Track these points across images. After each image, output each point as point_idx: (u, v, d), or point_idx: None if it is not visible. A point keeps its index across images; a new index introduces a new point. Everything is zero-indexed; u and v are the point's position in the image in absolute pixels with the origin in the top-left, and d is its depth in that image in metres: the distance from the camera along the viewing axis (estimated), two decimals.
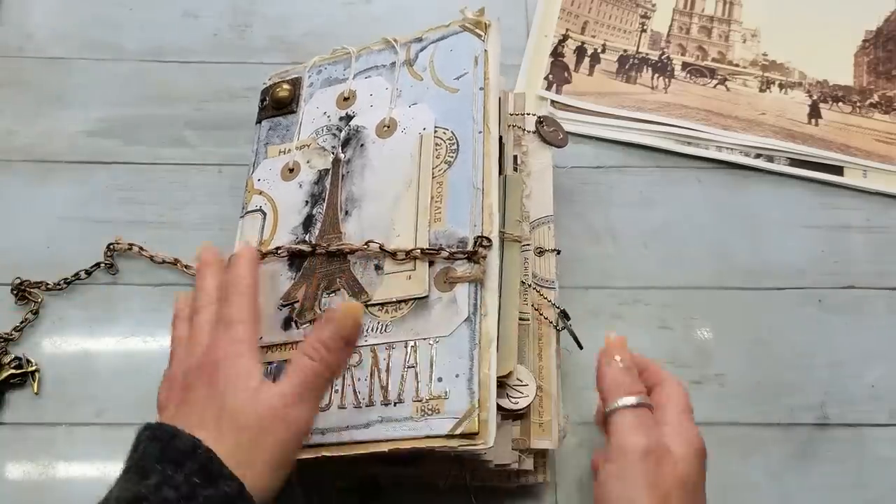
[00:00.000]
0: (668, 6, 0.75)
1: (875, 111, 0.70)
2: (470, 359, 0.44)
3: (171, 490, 0.34)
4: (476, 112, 0.51)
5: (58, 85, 0.68)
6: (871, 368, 0.60)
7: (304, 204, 0.53)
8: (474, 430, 0.42)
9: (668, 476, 0.40)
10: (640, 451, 0.40)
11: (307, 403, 0.38)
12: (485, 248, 0.46)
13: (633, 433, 0.41)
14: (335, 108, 0.56)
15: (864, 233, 0.64)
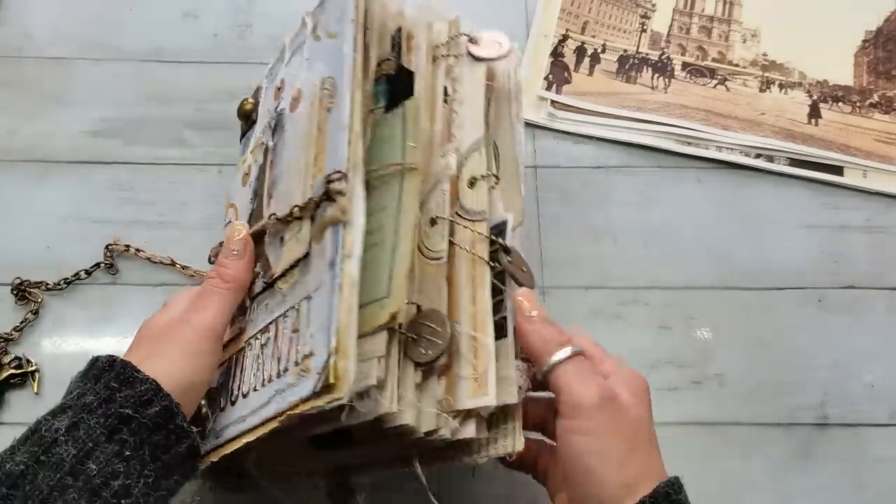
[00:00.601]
0: (668, 6, 0.75)
1: (875, 111, 0.70)
2: (330, 307, 0.38)
3: (91, 395, 0.38)
4: (346, 45, 0.45)
5: (58, 85, 0.68)
6: (870, 368, 0.60)
7: (249, 202, 0.52)
8: (331, 382, 0.36)
9: (627, 419, 0.40)
10: (595, 401, 0.39)
11: (208, 309, 0.44)
12: (337, 183, 0.40)
13: (582, 384, 0.40)
14: (273, 102, 0.54)
15: (864, 233, 0.64)
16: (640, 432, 0.40)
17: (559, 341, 0.41)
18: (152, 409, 0.38)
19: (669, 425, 0.58)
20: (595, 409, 0.39)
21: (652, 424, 0.42)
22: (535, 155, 0.67)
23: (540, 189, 0.65)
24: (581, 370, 0.41)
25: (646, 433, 0.41)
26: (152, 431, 0.38)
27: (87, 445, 0.36)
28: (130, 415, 0.38)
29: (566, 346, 0.41)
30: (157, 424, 0.38)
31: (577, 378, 0.40)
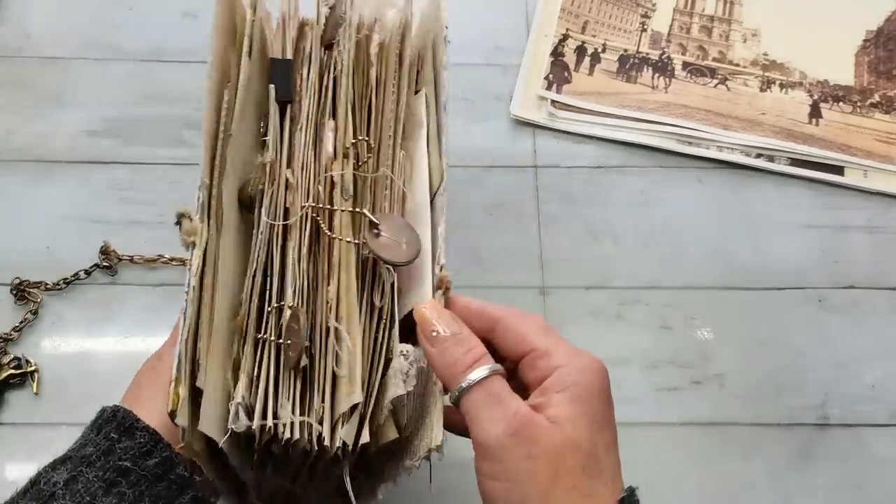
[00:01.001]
0: (669, 6, 0.75)
1: (876, 111, 0.70)
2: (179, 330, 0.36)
3: (92, 447, 0.37)
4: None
5: (57, 85, 0.67)
6: (871, 369, 0.60)
7: None
8: (174, 409, 0.34)
9: (544, 450, 0.32)
10: (503, 439, 0.32)
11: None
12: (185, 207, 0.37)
13: (488, 418, 0.33)
14: None
15: (865, 233, 0.64)
16: (562, 461, 0.32)
17: (465, 364, 0.34)
18: (152, 461, 0.37)
19: (670, 425, 0.58)
20: (503, 448, 0.32)
21: (601, 432, 0.35)
22: (535, 155, 0.66)
23: (540, 189, 0.65)
24: (489, 398, 0.33)
25: (580, 452, 0.33)
26: (152, 483, 0.37)
27: (85, 499, 0.36)
28: (129, 467, 0.37)
29: (474, 369, 0.34)
30: (157, 476, 0.37)
31: (484, 410, 0.33)
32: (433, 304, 0.37)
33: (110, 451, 0.37)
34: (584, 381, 0.34)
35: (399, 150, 0.43)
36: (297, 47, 0.44)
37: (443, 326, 0.36)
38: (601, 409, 0.35)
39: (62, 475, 0.36)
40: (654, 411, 0.58)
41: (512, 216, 0.64)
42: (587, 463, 0.33)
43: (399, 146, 0.43)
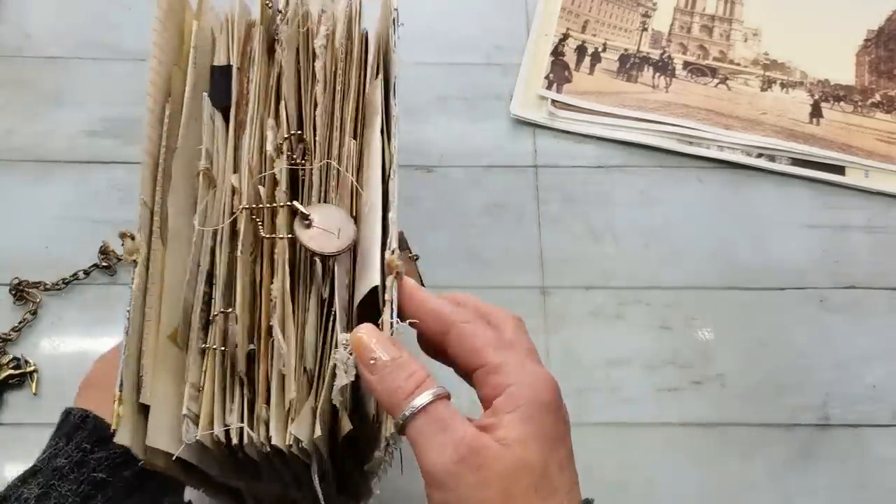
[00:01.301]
0: (670, 5, 0.75)
1: (877, 111, 0.70)
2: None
3: (63, 458, 0.36)
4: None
5: (57, 85, 0.67)
6: (872, 369, 0.59)
7: None
8: (114, 429, 0.33)
9: (496, 476, 0.31)
10: (450, 467, 0.31)
11: None
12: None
13: (434, 447, 0.31)
14: None
15: (866, 233, 0.64)
16: (514, 483, 0.31)
17: (406, 390, 0.33)
18: (128, 471, 0.35)
19: (670, 426, 0.57)
20: (452, 476, 0.31)
21: (554, 450, 0.33)
22: (535, 154, 0.66)
23: (540, 189, 0.65)
24: (435, 425, 0.32)
25: (526, 480, 0.31)
26: (130, 494, 0.35)
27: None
28: (105, 479, 0.35)
29: (416, 395, 0.32)
30: (135, 486, 0.35)
31: (430, 437, 0.32)
32: (369, 329, 0.34)
33: (83, 462, 0.35)
34: (535, 400, 0.33)
35: (349, 140, 0.42)
36: (245, 50, 0.44)
37: (381, 352, 0.33)
38: (553, 426, 0.33)
39: (33, 490, 0.35)
40: (655, 411, 0.58)
41: (512, 216, 0.64)
42: (540, 483, 0.32)
43: (348, 136, 0.42)
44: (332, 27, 0.44)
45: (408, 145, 0.66)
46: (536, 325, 0.60)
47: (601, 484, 0.56)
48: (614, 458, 0.56)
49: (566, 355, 0.59)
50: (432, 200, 0.64)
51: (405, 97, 0.69)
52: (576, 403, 0.57)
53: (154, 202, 0.38)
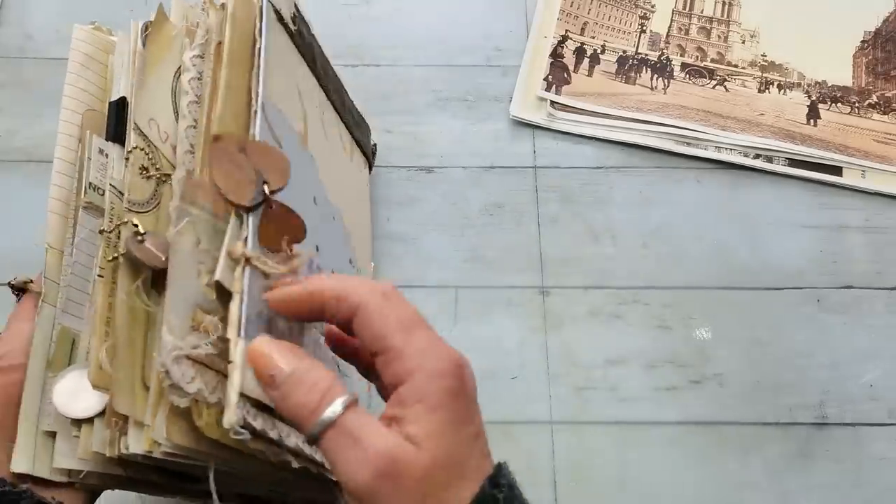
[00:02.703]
0: (668, 7, 0.75)
1: (873, 112, 0.70)
2: None
3: None
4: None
5: (58, 86, 0.67)
6: (869, 368, 0.60)
7: None
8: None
9: (417, 479, 0.30)
10: (369, 483, 0.30)
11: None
12: None
13: (349, 462, 0.30)
14: None
15: (863, 233, 0.65)
16: (432, 482, 0.30)
17: (311, 406, 0.31)
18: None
19: (669, 425, 0.58)
20: (372, 492, 0.30)
21: (464, 429, 0.32)
22: (534, 155, 0.67)
23: (539, 189, 0.65)
24: (346, 440, 0.30)
25: (443, 475, 0.31)
26: None
27: None
28: None
29: (323, 409, 0.31)
30: None
31: (343, 453, 0.30)
32: (264, 341, 0.32)
33: None
34: (441, 386, 0.31)
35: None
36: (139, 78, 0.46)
37: (280, 363, 0.32)
38: (462, 408, 0.32)
39: None
40: (653, 411, 0.58)
41: (512, 216, 0.64)
42: (453, 474, 0.31)
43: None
44: (207, 36, 0.45)
45: (408, 145, 0.67)
46: (536, 325, 0.60)
47: (600, 483, 0.56)
48: (613, 456, 0.56)
49: (565, 355, 0.59)
50: (432, 200, 0.64)
51: (405, 98, 0.69)
52: (575, 403, 0.58)
53: (63, 244, 0.42)
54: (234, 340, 0.34)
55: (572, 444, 0.57)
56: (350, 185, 0.57)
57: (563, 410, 0.58)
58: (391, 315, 0.32)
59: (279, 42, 0.47)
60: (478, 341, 0.59)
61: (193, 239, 0.38)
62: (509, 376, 0.59)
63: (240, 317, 0.35)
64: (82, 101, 0.45)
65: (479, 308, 0.61)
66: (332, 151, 0.53)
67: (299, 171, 0.46)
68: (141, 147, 0.42)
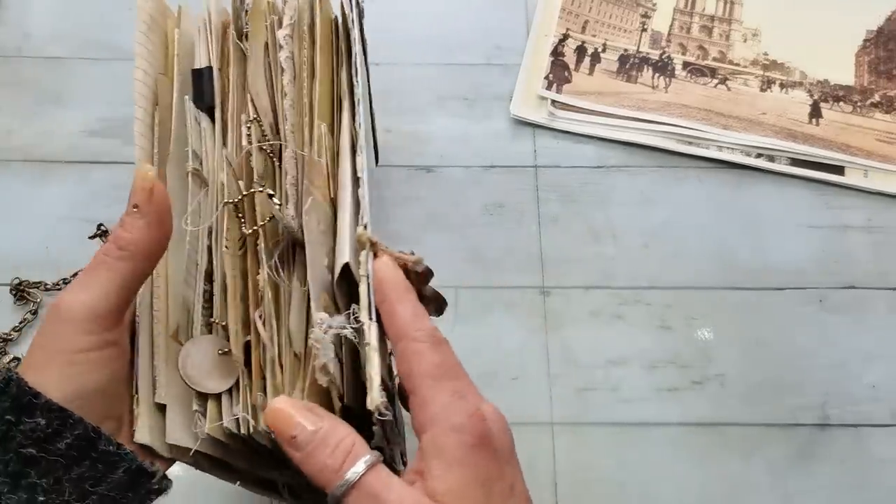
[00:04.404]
0: (669, 5, 0.75)
1: (876, 111, 0.70)
2: None
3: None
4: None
5: (57, 85, 0.67)
6: (871, 368, 0.60)
7: None
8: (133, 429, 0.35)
9: None
10: None
11: (85, 291, 0.33)
12: None
13: None
14: None
15: (865, 233, 0.64)
16: None
17: (334, 467, 0.31)
18: (62, 443, 0.31)
19: (670, 426, 0.57)
20: None
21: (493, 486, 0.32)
22: (535, 154, 0.66)
23: (540, 189, 0.65)
24: (368, 499, 0.30)
25: None
26: (69, 467, 0.31)
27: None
28: (35, 455, 0.31)
29: (346, 471, 0.31)
30: (74, 458, 0.31)
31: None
32: (284, 402, 0.32)
33: (8, 437, 0.31)
34: (458, 441, 0.31)
35: (319, 126, 0.42)
36: (223, 50, 0.44)
37: (301, 424, 0.31)
38: (486, 463, 0.31)
39: None
40: (654, 411, 0.58)
41: (512, 216, 0.64)
42: None
43: (316, 121, 0.42)
44: (295, 16, 0.44)
45: (408, 145, 0.66)
46: (536, 325, 0.60)
47: (600, 483, 0.56)
48: (614, 457, 0.56)
49: (566, 355, 0.59)
50: (432, 200, 0.64)
51: (405, 97, 0.69)
52: (576, 403, 0.58)
53: None
54: (367, 324, 0.34)
55: (573, 444, 0.56)
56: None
57: (564, 411, 0.57)
58: (429, 359, 0.32)
59: (353, 34, 0.46)
60: (478, 341, 0.59)
61: (316, 219, 0.37)
62: (510, 377, 0.58)
63: (369, 300, 0.35)
64: (152, 63, 0.42)
65: (479, 308, 0.61)
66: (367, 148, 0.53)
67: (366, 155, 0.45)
68: (259, 120, 0.40)
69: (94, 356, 0.33)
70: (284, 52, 0.42)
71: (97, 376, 0.33)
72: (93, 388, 0.33)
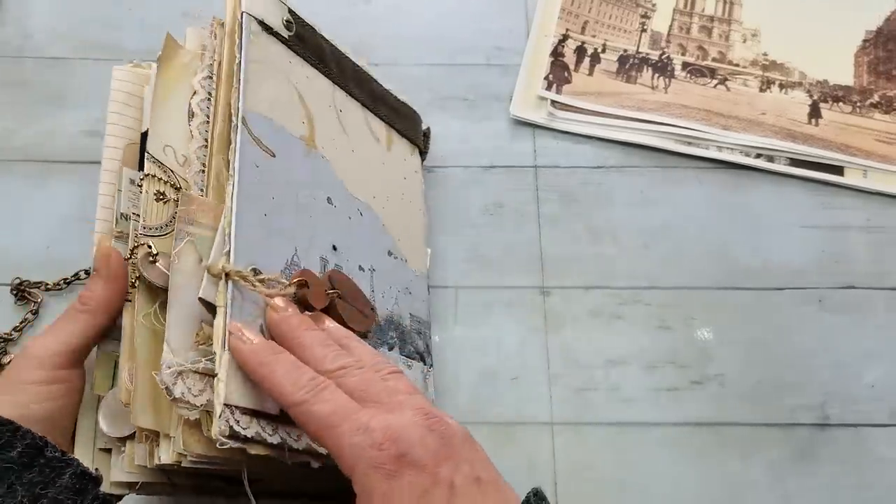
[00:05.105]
0: (669, 6, 0.75)
1: (875, 111, 0.70)
2: None
3: None
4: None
5: (57, 85, 0.67)
6: (871, 368, 0.60)
7: None
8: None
9: None
10: None
11: (48, 335, 0.41)
12: None
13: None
14: None
15: (865, 233, 0.64)
16: None
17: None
18: (14, 452, 0.36)
19: (669, 426, 0.58)
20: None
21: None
22: (534, 155, 0.66)
23: (540, 189, 0.65)
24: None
25: None
26: (20, 473, 0.36)
27: None
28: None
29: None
30: (25, 464, 0.36)
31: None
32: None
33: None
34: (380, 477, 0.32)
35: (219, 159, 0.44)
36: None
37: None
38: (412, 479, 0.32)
39: None
40: (654, 412, 0.58)
41: (512, 216, 0.64)
42: None
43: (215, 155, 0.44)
44: (211, 59, 0.47)
45: None
46: (536, 326, 0.60)
47: (600, 483, 0.56)
48: (613, 457, 0.56)
49: (566, 355, 0.59)
50: (432, 200, 0.64)
51: (405, 97, 0.69)
52: (575, 403, 0.58)
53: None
54: (218, 354, 0.36)
55: (573, 444, 0.56)
56: (389, 175, 0.57)
57: (564, 411, 0.57)
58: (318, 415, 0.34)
59: (270, 51, 0.48)
60: (478, 341, 0.59)
61: (195, 257, 0.39)
62: (509, 377, 0.58)
63: (224, 330, 0.37)
64: (122, 136, 0.48)
65: (479, 308, 0.61)
66: (356, 146, 0.53)
67: (304, 173, 0.47)
68: (154, 174, 0.43)
69: (43, 389, 0.39)
70: (200, 95, 0.45)
71: (45, 405, 0.39)
72: (39, 416, 0.38)
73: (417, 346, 0.54)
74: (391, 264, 0.54)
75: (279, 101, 0.47)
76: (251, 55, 0.45)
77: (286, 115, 0.47)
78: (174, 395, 0.36)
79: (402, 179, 0.59)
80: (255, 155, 0.43)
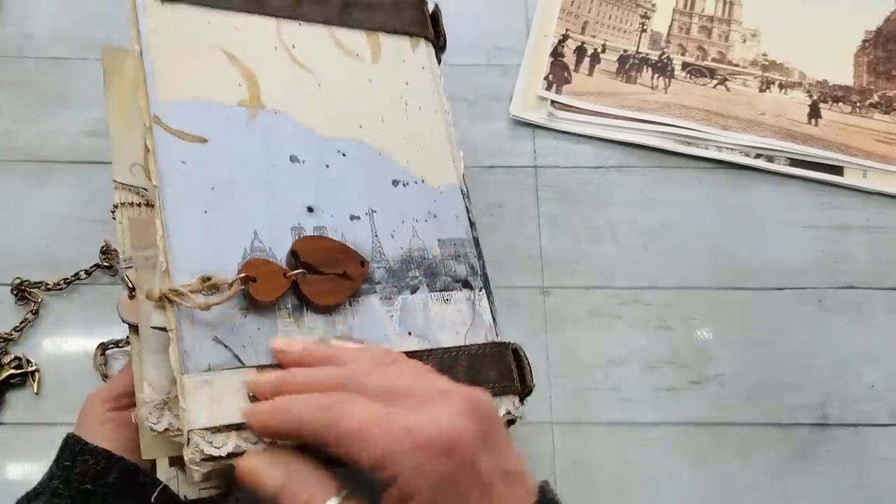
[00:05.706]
0: (668, 6, 0.75)
1: (875, 111, 0.70)
2: None
3: (56, 479, 0.41)
4: None
5: (58, 85, 0.67)
6: (870, 368, 0.60)
7: None
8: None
9: None
10: None
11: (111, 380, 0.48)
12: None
13: None
14: None
15: (864, 233, 0.64)
16: None
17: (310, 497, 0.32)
18: (110, 478, 0.40)
19: (669, 425, 0.58)
20: None
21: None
22: (535, 155, 0.67)
23: (540, 189, 0.65)
24: None
25: None
26: (117, 497, 0.40)
27: None
28: (90, 489, 0.40)
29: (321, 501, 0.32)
30: (120, 489, 0.40)
31: None
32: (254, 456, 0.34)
33: (69, 479, 0.40)
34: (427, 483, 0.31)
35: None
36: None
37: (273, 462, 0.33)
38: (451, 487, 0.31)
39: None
40: (653, 411, 0.58)
41: (512, 216, 0.64)
42: None
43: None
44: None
45: None
46: (537, 326, 0.60)
47: (601, 483, 0.56)
48: (613, 457, 0.56)
49: (566, 355, 0.59)
50: None
51: None
52: (575, 403, 0.58)
53: None
54: (179, 382, 0.34)
55: (573, 444, 0.57)
56: (380, 91, 0.49)
57: (564, 411, 0.57)
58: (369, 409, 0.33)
59: (178, 21, 0.42)
60: None
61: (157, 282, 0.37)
62: None
63: (179, 355, 0.35)
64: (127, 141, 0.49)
65: None
66: (323, 79, 0.46)
67: (250, 143, 0.42)
68: (126, 201, 0.43)
69: (108, 426, 0.44)
70: None
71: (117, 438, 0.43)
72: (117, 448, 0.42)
73: (456, 273, 0.47)
74: (400, 194, 0.46)
75: (202, 76, 0.41)
76: (154, 37, 0.40)
77: (214, 87, 0.41)
78: (157, 430, 0.36)
79: (404, 86, 0.50)
80: (178, 151, 0.39)
